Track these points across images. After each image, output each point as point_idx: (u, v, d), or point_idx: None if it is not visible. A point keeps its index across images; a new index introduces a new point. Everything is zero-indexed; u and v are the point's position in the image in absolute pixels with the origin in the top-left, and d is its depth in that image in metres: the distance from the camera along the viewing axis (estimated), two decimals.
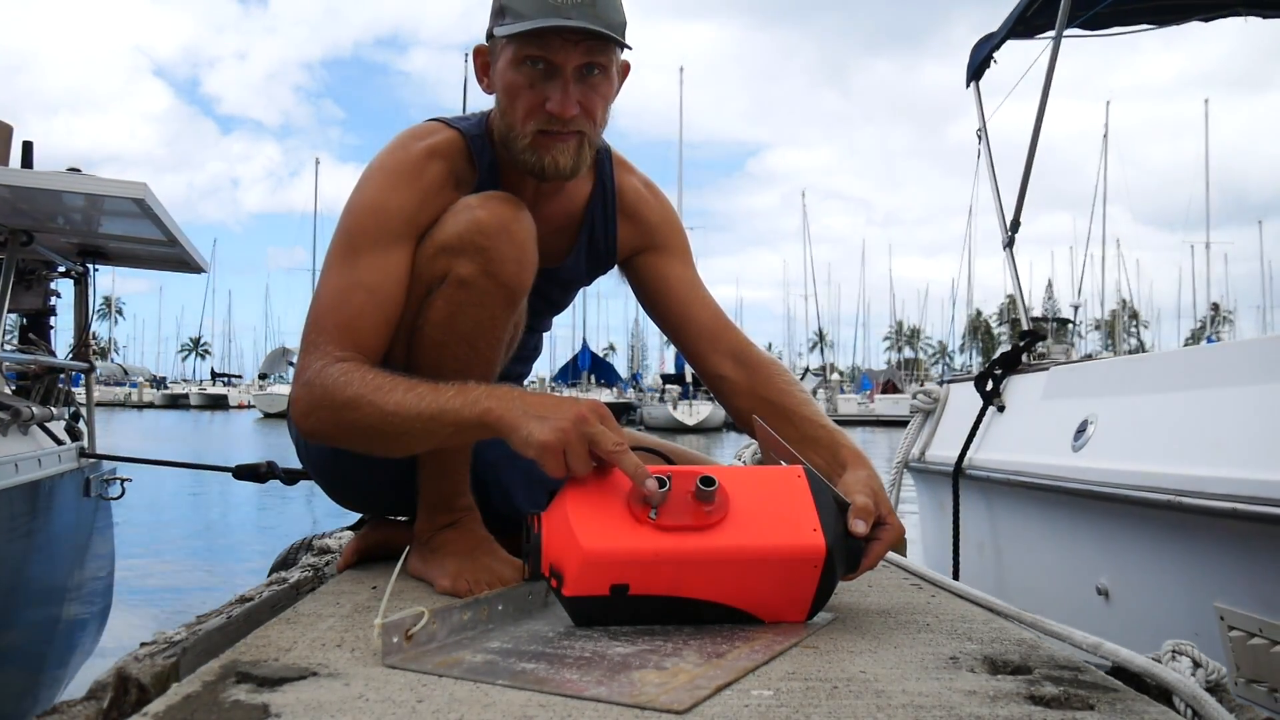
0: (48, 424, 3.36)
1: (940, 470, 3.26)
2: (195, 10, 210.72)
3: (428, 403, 1.19)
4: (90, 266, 3.91)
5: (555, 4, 1.29)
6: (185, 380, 68.65)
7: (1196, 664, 1.01)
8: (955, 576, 3.08)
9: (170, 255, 3.69)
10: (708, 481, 1.09)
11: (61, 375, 3.83)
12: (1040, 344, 3.21)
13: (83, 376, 4.08)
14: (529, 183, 1.47)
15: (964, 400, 3.32)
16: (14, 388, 3.56)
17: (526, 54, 1.33)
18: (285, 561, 2.29)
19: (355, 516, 1.95)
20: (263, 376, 49.86)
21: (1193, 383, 2.17)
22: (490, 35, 1.39)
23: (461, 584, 1.32)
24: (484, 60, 1.44)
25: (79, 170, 3.12)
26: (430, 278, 1.36)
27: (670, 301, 1.65)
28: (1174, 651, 1.02)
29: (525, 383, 1.88)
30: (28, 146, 3.75)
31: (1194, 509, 1.90)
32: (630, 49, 1.37)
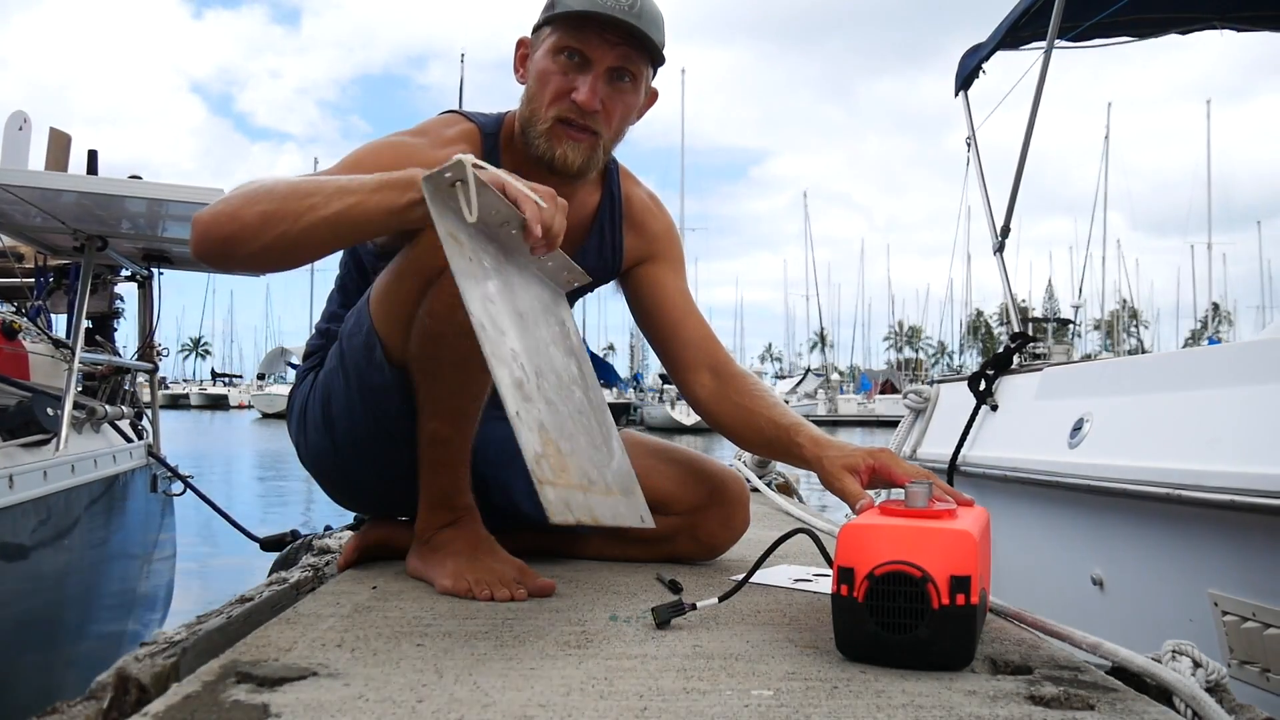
0: (117, 422, 3.60)
1: (933, 468, 3.34)
2: (231, 32, 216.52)
3: (335, 181, 1.17)
4: (154, 270, 4.00)
5: (604, 1, 1.36)
6: (186, 380, 68.60)
7: (1196, 664, 1.00)
8: None
9: None
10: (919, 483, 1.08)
11: (126, 376, 3.96)
12: (1037, 344, 3.28)
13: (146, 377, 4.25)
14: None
15: (955, 400, 3.43)
16: (81, 388, 3.66)
17: (565, 44, 1.39)
18: (285, 561, 2.29)
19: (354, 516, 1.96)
20: (261, 377, 49.75)
21: (1186, 383, 2.23)
22: (537, 27, 1.45)
23: (462, 584, 1.31)
24: (524, 51, 1.49)
25: (140, 178, 3.23)
26: (432, 269, 1.35)
27: (664, 311, 1.69)
28: (1174, 651, 1.02)
29: None
30: (93, 155, 3.83)
31: (1191, 501, 1.97)
32: (663, 62, 1.45)
